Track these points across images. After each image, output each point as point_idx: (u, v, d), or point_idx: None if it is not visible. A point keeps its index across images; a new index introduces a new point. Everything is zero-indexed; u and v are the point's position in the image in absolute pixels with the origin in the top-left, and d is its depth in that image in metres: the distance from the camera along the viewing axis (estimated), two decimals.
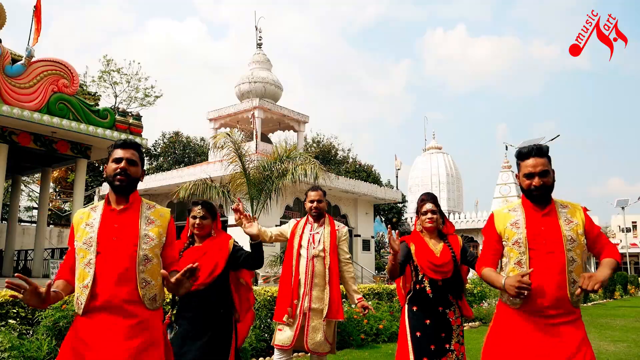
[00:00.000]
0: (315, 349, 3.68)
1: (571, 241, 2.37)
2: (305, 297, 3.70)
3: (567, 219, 2.43)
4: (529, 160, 2.44)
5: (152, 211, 2.42)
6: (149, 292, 2.28)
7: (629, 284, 22.69)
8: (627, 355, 6.72)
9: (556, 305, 2.33)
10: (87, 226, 2.30)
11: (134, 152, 2.41)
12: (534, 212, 2.45)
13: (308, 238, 3.81)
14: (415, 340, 3.10)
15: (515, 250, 2.41)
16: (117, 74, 30.94)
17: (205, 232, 3.11)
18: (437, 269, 3.15)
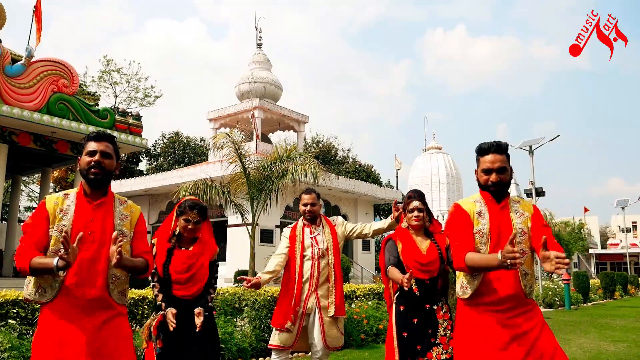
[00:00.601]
0: (333, 344, 3.71)
1: (521, 234, 2.43)
2: (309, 297, 3.71)
3: (518, 212, 2.49)
4: (487, 156, 2.49)
5: (124, 207, 2.41)
6: (118, 287, 2.30)
7: (629, 284, 22.68)
8: (627, 355, 6.72)
9: (511, 297, 2.37)
10: (61, 212, 2.27)
11: (107, 144, 2.38)
12: (492, 205, 2.50)
13: (311, 241, 3.83)
14: (402, 341, 3.12)
15: (477, 240, 2.45)
16: (117, 74, 30.97)
17: (195, 235, 3.11)
18: (424, 268, 3.15)
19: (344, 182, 23.02)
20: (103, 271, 2.24)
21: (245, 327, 6.18)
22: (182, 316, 2.92)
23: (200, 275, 3.00)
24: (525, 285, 2.40)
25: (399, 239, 3.31)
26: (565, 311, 13.70)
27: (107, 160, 2.35)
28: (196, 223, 3.06)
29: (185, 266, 2.98)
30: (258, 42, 25.48)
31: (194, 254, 3.04)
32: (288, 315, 3.69)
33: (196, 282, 2.98)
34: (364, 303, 7.94)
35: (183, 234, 3.09)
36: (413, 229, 3.33)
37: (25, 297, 2.24)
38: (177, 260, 3.00)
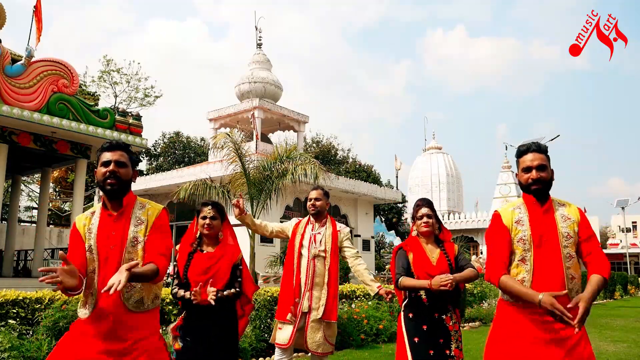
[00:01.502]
0: (315, 349, 3.68)
1: (567, 237, 2.41)
2: (305, 296, 3.72)
3: (563, 215, 2.47)
4: (527, 156, 2.50)
5: (142, 211, 2.36)
6: (133, 296, 2.26)
7: (629, 284, 22.69)
8: (627, 355, 6.72)
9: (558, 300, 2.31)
10: (88, 232, 2.29)
11: (122, 153, 2.35)
12: (535, 209, 2.48)
13: (309, 238, 3.82)
14: (413, 346, 3.09)
15: (520, 247, 2.43)
16: (117, 74, 30.95)
17: (215, 233, 3.10)
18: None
19: (344, 182, 23.01)
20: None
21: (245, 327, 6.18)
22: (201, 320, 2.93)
23: (218, 278, 2.97)
24: (571, 290, 2.37)
25: (409, 248, 3.29)
26: None
27: (123, 170, 2.32)
28: (212, 219, 3.07)
29: (203, 268, 2.97)
30: (258, 42, 25.47)
31: (214, 256, 3.03)
32: (288, 306, 3.70)
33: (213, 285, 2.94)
34: (364, 303, 7.94)
35: (203, 233, 3.09)
36: (423, 236, 3.32)
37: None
38: (196, 262, 3.00)
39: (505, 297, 2.48)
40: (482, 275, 3.26)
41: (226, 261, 3.04)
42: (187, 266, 3.00)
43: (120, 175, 2.30)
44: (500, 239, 2.49)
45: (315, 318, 3.70)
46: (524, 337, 2.36)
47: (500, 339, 2.46)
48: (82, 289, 2.17)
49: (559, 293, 2.22)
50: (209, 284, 2.92)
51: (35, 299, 4.84)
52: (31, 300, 4.81)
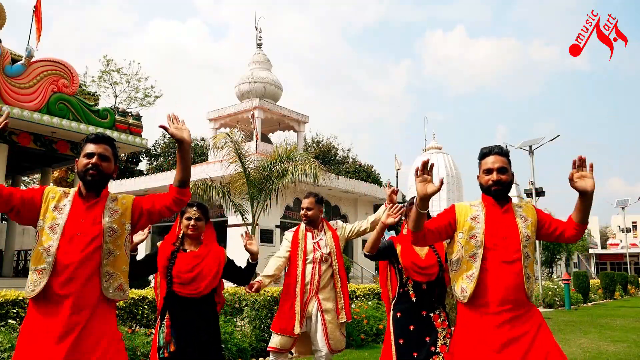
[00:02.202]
0: (337, 346, 3.74)
1: (527, 238, 2.47)
2: (310, 301, 3.72)
3: (522, 216, 2.53)
4: (489, 158, 2.55)
5: (115, 202, 2.38)
6: (114, 283, 2.29)
7: (629, 284, 22.68)
8: (627, 355, 6.72)
9: (513, 298, 2.39)
10: (56, 210, 2.27)
11: (106, 147, 2.37)
12: (493, 209, 2.53)
13: (313, 246, 3.83)
14: (398, 348, 3.13)
15: (472, 244, 2.48)
16: (117, 74, 30.97)
17: (199, 234, 3.11)
18: (421, 271, 3.16)
19: (344, 182, 23.02)
20: (95, 270, 2.23)
21: (245, 327, 6.18)
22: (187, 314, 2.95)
23: (203, 276, 3.00)
24: (528, 288, 2.43)
25: (398, 241, 3.33)
26: (565, 311, 13.70)
27: (105, 163, 2.34)
28: (197, 220, 3.07)
29: (189, 266, 2.98)
30: (258, 42, 25.49)
31: (199, 255, 3.05)
32: (289, 319, 3.68)
33: (198, 282, 2.98)
34: (364, 303, 7.94)
35: (186, 233, 3.10)
36: None
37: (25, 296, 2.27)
38: (181, 261, 3.01)
39: (462, 298, 2.50)
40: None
41: (211, 259, 3.06)
42: (171, 265, 3.00)
43: (102, 169, 2.33)
44: (439, 216, 2.60)
45: (331, 317, 3.71)
46: (482, 342, 2.38)
47: (461, 346, 2.49)
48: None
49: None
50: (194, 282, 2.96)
51: None
52: None
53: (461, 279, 2.50)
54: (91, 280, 2.23)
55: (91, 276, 2.23)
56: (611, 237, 55.98)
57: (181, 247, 3.09)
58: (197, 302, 2.98)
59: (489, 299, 2.41)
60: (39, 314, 2.19)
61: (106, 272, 2.26)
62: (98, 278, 2.24)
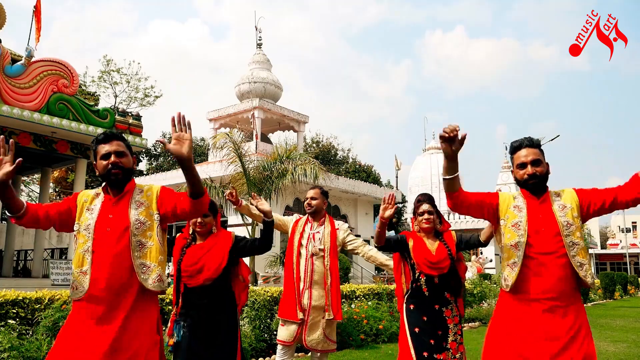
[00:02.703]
0: (314, 346, 3.69)
1: (567, 226, 2.41)
2: (304, 294, 3.72)
3: (560, 204, 2.48)
4: (520, 152, 2.52)
5: (141, 194, 2.39)
6: (152, 274, 2.28)
7: (628, 284, 22.67)
8: (627, 355, 6.72)
9: (556, 290, 2.35)
10: (88, 212, 2.31)
11: (119, 142, 2.37)
12: (531, 201, 2.50)
13: (308, 236, 3.83)
14: (415, 336, 3.14)
15: (514, 232, 2.45)
16: (117, 74, 30.95)
17: (207, 229, 3.14)
18: (433, 265, 3.19)
19: (344, 182, 23.01)
20: (129, 264, 2.25)
21: (245, 327, 6.18)
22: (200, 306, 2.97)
23: (209, 266, 3.00)
24: (584, 276, 2.36)
25: (410, 237, 3.36)
26: None
27: (124, 159, 2.35)
28: (204, 216, 3.09)
29: (194, 259, 3.02)
30: (258, 42, 25.48)
31: (204, 246, 3.08)
32: (292, 304, 3.70)
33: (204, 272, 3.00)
34: (364, 303, 7.94)
35: (196, 230, 3.14)
36: (424, 232, 3.36)
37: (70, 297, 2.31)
38: (189, 255, 3.06)
39: (505, 287, 2.48)
40: (480, 275, 3.30)
41: (218, 249, 3.07)
42: (180, 260, 3.05)
43: (123, 165, 2.34)
44: (484, 196, 2.56)
45: (317, 315, 3.70)
46: (523, 330, 2.37)
47: (499, 333, 2.47)
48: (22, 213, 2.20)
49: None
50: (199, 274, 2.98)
51: (35, 299, 4.83)
52: (31, 300, 4.81)
53: (504, 268, 2.49)
54: (127, 275, 2.24)
55: (126, 270, 2.24)
56: (611, 237, 55.91)
57: (192, 242, 3.15)
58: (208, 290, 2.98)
59: (530, 288, 2.38)
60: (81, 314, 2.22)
61: (140, 264, 2.27)
62: (134, 271, 2.26)
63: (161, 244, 2.35)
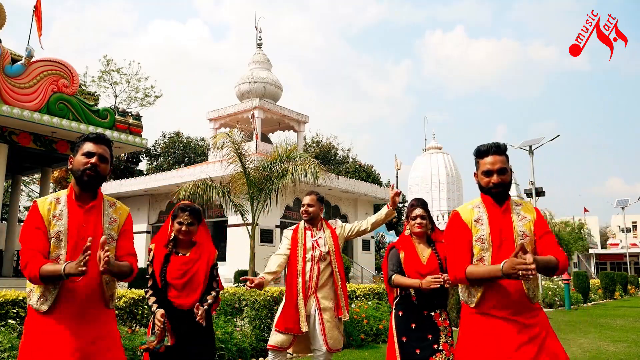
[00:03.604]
0: (335, 345, 3.72)
1: (522, 236, 2.38)
2: (310, 299, 3.72)
3: (520, 214, 2.44)
4: (487, 158, 2.45)
5: (113, 209, 2.38)
6: (110, 291, 2.30)
7: (629, 284, 22.67)
8: (627, 355, 6.72)
9: (515, 301, 2.33)
10: (54, 218, 2.23)
11: (105, 148, 2.36)
12: (493, 209, 2.45)
13: (312, 243, 3.84)
14: (401, 345, 3.18)
15: (478, 247, 2.40)
16: (117, 74, 30.96)
17: (190, 237, 3.09)
18: (424, 277, 3.17)
19: (344, 182, 23.01)
20: (97, 276, 2.21)
21: (245, 327, 6.18)
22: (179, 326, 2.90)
23: (196, 282, 2.97)
24: (528, 289, 2.35)
25: (401, 247, 3.36)
26: (565, 311, 13.70)
27: (103, 165, 2.33)
28: (189, 225, 3.04)
29: (180, 272, 2.96)
30: (258, 42, 25.48)
31: (190, 260, 3.01)
32: (292, 316, 3.68)
33: (192, 289, 2.94)
34: (364, 303, 7.94)
35: (178, 237, 3.07)
36: (416, 236, 3.38)
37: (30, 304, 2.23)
38: (172, 266, 2.98)
39: (469, 302, 2.42)
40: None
41: (202, 263, 3.04)
42: (164, 269, 2.98)
43: (100, 170, 2.31)
44: (460, 237, 2.44)
45: (329, 316, 3.71)
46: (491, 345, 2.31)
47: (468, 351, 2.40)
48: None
49: (517, 254, 2.12)
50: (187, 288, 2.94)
51: None
52: None
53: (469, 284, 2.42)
54: (95, 288, 2.22)
55: (95, 283, 2.22)
56: (611, 237, 55.89)
57: (174, 250, 3.07)
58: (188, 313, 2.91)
59: (494, 302, 2.34)
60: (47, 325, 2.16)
61: (106, 278, 2.26)
62: (101, 285, 2.25)
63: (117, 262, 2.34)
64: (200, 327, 2.95)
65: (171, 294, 2.94)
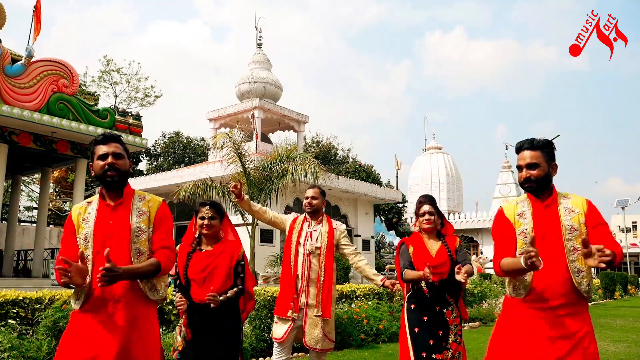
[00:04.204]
0: (314, 345, 3.69)
1: (570, 230, 2.38)
2: (302, 293, 3.74)
3: (567, 208, 2.45)
4: (520, 154, 2.51)
5: (143, 202, 2.38)
6: (147, 283, 2.30)
7: (629, 284, 22.66)
8: (627, 355, 6.72)
9: (561, 295, 2.34)
10: (84, 221, 2.30)
11: (117, 145, 2.37)
12: (537, 204, 2.48)
13: (305, 234, 3.86)
14: (414, 336, 3.18)
15: (521, 241, 2.44)
16: (117, 74, 30.95)
17: (214, 232, 3.10)
18: (433, 270, 3.19)
19: (344, 182, 23.00)
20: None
21: (245, 327, 6.17)
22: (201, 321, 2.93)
23: (217, 276, 2.97)
24: (579, 283, 2.35)
25: (410, 243, 3.39)
26: None
27: (120, 161, 2.34)
28: (211, 219, 3.07)
29: (201, 266, 2.98)
30: (258, 42, 25.47)
31: (212, 254, 3.04)
32: (287, 302, 3.71)
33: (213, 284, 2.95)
34: (364, 303, 7.94)
35: (202, 233, 3.10)
36: (425, 232, 3.41)
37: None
38: (194, 262, 3.01)
39: (515, 295, 2.47)
40: (480, 274, 3.32)
41: (225, 258, 3.05)
42: (186, 266, 3.01)
43: (119, 167, 2.33)
44: (504, 233, 2.50)
45: (312, 314, 3.72)
46: (528, 333, 2.36)
47: (505, 335, 2.46)
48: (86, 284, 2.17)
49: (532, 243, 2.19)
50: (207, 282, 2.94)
51: (35, 299, 4.83)
52: (31, 300, 4.81)
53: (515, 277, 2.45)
54: (127, 283, 2.23)
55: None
56: None
57: (198, 247, 3.09)
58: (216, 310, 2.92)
59: (538, 294, 2.37)
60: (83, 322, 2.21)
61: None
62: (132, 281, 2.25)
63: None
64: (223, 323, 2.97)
65: (193, 291, 2.96)
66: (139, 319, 2.26)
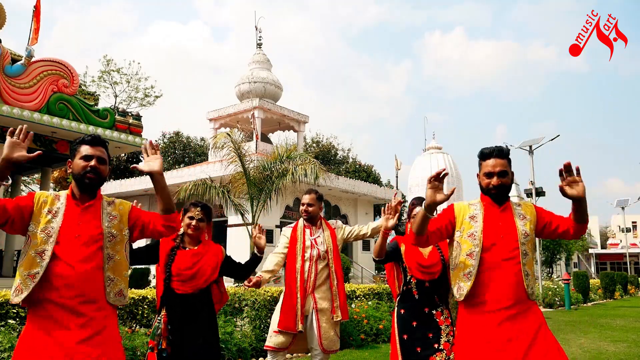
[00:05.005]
0: (330, 347, 3.71)
1: (525, 235, 2.49)
2: (307, 298, 3.72)
3: (520, 214, 2.55)
4: (489, 160, 2.55)
5: (112, 207, 2.38)
6: (115, 288, 2.28)
7: (629, 284, 22.67)
8: (627, 355, 6.72)
9: (512, 296, 2.40)
10: (49, 214, 2.23)
11: (103, 150, 2.37)
12: (492, 208, 2.56)
13: (311, 242, 3.83)
14: (402, 343, 3.20)
15: (469, 242, 2.50)
16: (117, 74, 30.96)
17: (198, 234, 3.11)
18: (425, 270, 3.21)
19: (344, 182, 23.02)
20: (96, 275, 2.22)
21: (245, 327, 6.18)
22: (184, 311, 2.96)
23: (203, 273, 3.03)
24: (527, 285, 2.44)
25: (402, 241, 3.38)
26: (565, 311, 13.70)
27: (103, 167, 2.34)
28: (200, 220, 3.08)
29: (189, 264, 3.01)
30: (258, 42, 25.49)
31: (199, 253, 3.07)
32: (292, 315, 3.68)
33: (197, 279, 3.01)
34: (364, 303, 7.94)
35: (187, 232, 3.11)
36: None
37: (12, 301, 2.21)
38: (180, 258, 3.03)
39: (458, 296, 2.51)
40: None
41: (210, 258, 3.08)
42: (169, 262, 3.01)
43: (100, 172, 2.32)
44: (440, 216, 2.60)
45: (325, 318, 3.71)
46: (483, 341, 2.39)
47: (463, 347, 2.50)
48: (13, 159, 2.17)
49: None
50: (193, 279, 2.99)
51: None
52: None
53: (459, 278, 2.52)
54: (92, 285, 2.20)
55: (92, 281, 2.20)
56: (611, 237, 55.91)
57: (181, 244, 3.11)
58: (194, 298, 2.99)
59: (487, 297, 2.42)
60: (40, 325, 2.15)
61: (108, 276, 2.25)
62: (101, 283, 2.23)
63: (126, 260, 2.35)
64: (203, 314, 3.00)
65: (175, 284, 2.99)
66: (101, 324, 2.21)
